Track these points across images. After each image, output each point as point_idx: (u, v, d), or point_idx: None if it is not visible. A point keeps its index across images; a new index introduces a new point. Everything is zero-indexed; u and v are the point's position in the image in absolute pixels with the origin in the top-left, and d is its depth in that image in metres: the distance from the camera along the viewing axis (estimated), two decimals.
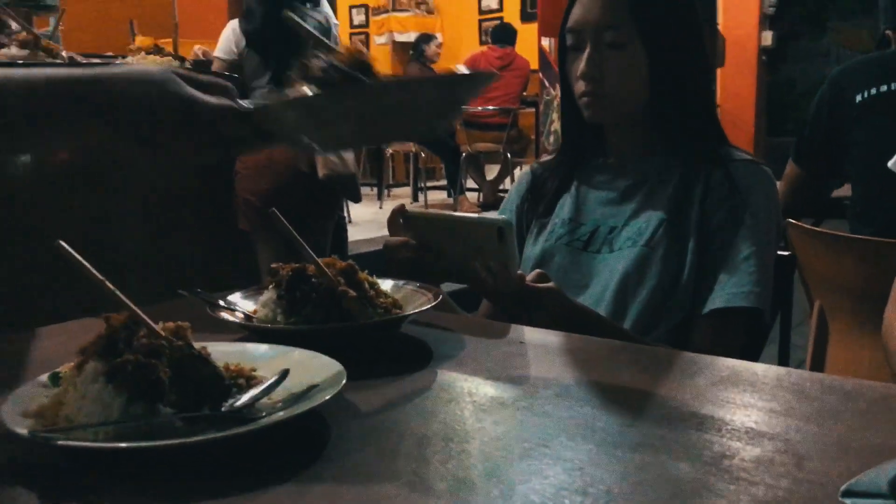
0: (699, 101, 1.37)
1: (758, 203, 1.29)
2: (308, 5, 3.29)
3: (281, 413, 0.67)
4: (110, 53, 1.64)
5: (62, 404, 0.66)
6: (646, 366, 0.89)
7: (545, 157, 1.58)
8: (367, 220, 5.63)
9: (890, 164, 1.03)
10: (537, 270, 1.19)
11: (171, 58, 1.63)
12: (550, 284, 1.16)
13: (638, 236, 1.30)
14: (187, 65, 1.74)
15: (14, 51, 1.58)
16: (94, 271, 0.71)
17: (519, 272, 1.14)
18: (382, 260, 1.18)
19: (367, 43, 10.87)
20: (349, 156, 3.29)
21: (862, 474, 0.52)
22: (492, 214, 1.35)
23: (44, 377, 0.73)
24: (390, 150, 7.40)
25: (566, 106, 1.43)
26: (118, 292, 0.71)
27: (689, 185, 1.32)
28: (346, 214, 4.03)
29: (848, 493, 0.50)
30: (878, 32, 2.20)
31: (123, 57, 2.06)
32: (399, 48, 10.15)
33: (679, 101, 1.34)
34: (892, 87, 1.84)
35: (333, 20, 3.42)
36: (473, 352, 0.93)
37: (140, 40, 4.09)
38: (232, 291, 1.03)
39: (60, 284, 0.90)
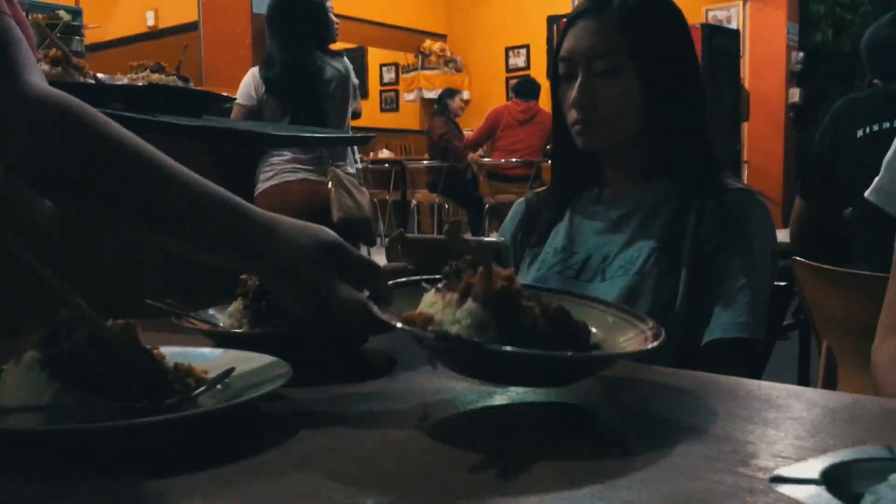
0: (693, 129, 1.36)
1: (752, 232, 1.27)
2: (327, 55, 3.36)
3: (215, 404, 0.65)
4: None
5: None
6: (611, 375, 0.86)
7: (540, 189, 1.57)
8: None
9: (866, 193, 1.01)
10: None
11: (175, 77, 1.66)
12: None
13: (630, 265, 1.28)
14: (191, 85, 1.77)
15: (45, 67, 1.58)
16: (42, 267, 0.71)
17: None
18: None
19: (396, 100, 11.07)
20: (364, 200, 3.32)
21: (795, 464, 0.49)
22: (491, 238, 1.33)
23: None
24: (415, 201, 7.45)
25: (559, 135, 1.43)
26: (66, 287, 0.71)
27: (683, 214, 1.30)
28: None
29: (777, 479, 0.47)
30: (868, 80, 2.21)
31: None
32: (427, 104, 10.31)
33: (673, 129, 1.33)
34: (894, 125, 1.81)
35: (352, 72, 3.47)
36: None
37: None
38: (208, 306, 1.02)
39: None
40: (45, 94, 0.79)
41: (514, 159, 6.52)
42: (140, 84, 1.54)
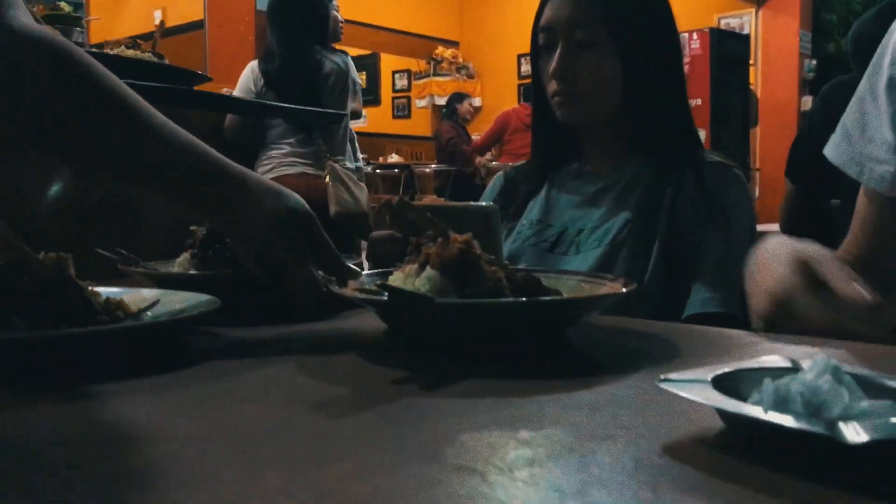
0: (673, 104, 1.35)
1: (729, 205, 1.26)
2: (327, 50, 3.36)
3: (128, 323, 0.65)
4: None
5: None
6: None
7: (519, 163, 1.57)
8: None
9: (825, 149, 1.00)
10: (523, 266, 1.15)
11: (150, 54, 1.66)
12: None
13: (604, 237, 1.27)
14: (166, 61, 1.77)
15: None
16: None
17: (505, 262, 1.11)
18: None
19: (408, 106, 11.11)
20: (362, 195, 3.32)
21: (689, 370, 0.48)
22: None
23: None
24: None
25: (538, 108, 1.42)
26: None
27: (659, 188, 1.29)
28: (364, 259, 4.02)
29: (665, 381, 0.46)
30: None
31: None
32: (438, 111, 10.32)
33: (653, 103, 1.32)
34: None
35: (352, 68, 3.46)
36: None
37: None
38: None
39: None
40: (35, 31, 0.77)
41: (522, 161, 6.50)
42: (110, 53, 1.54)
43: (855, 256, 0.97)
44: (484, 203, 1.24)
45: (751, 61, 7.59)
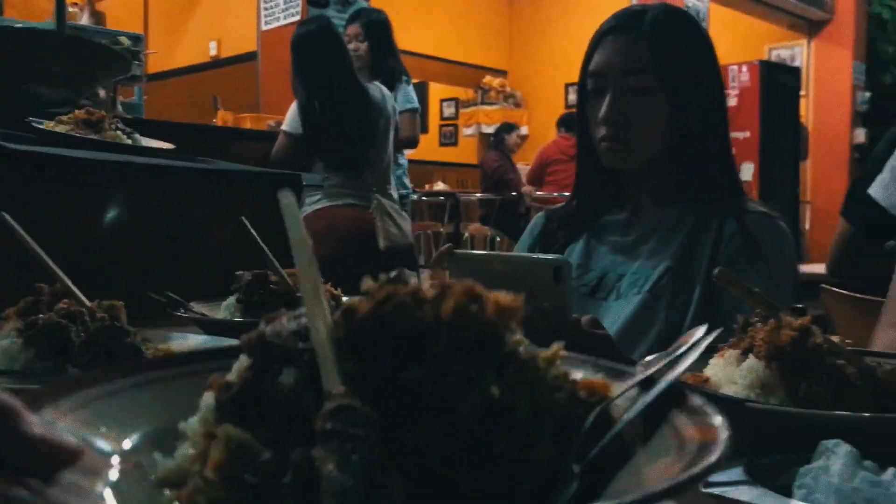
0: (718, 151, 1.35)
1: (770, 255, 1.26)
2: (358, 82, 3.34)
3: None
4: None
5: None
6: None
7: (558, 206, 1.57)
8: None
9: (869, 189, 1.00)
10: (590, 316, 1.05)
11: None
12: (605, 332, 1.05)
13: (643, 283, 1.28)
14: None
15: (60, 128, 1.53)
16: (34, 244, 0.75)
17: (574, 316, 1.01)
18: None
19: (455, 134, 11.18)
20: (406, 225, 3.35)
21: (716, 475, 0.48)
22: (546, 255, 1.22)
23: None
24: (467, 234, 7.49)
25: (583, 153, 1.41)
26: (54, 266, 0.75)
27: (700, 235, 1.29)
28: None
29: (709, 485, 0.47)
30: None
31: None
32: (485, 139, 10.37)
33: (698, 150, 1.32)
34: None
35: (389, 97, 3.43)
36: None
37: (221, 115, 4.36)
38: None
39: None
40: None
41: (567, 193, 6.49)
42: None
43: None
44: (553, 255, 1.13)
45: (802, 93, 7.50)
